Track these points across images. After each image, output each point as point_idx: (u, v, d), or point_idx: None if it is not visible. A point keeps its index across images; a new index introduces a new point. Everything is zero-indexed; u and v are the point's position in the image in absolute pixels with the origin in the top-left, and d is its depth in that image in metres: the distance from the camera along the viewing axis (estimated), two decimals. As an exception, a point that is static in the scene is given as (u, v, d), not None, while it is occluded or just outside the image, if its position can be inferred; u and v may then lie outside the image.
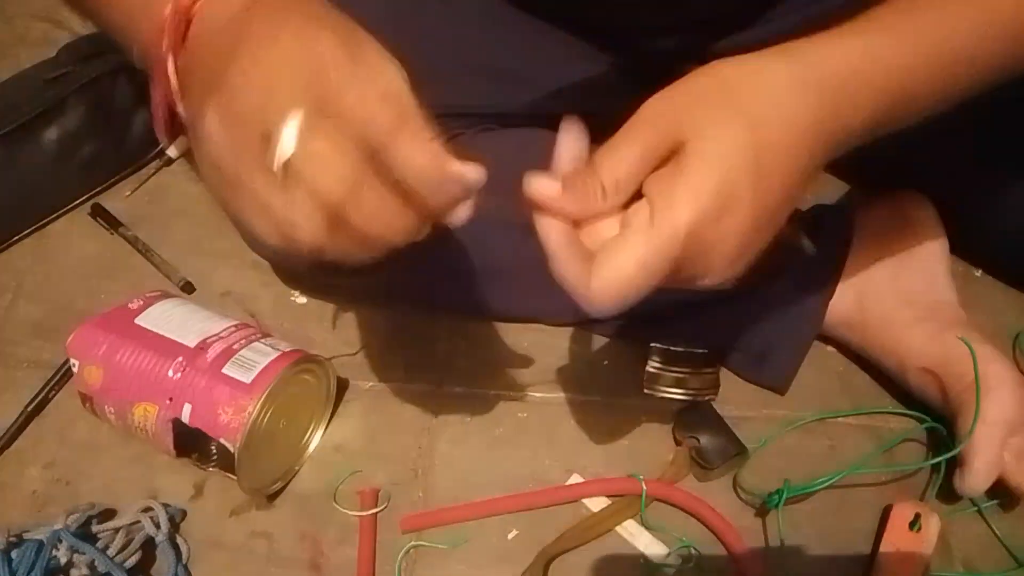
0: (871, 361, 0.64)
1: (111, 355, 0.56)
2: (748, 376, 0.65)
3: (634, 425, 0.63)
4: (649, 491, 0.58)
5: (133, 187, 0.78)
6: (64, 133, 0.73)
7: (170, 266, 0.72)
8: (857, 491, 0.59)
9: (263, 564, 0.58)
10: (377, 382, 0.66)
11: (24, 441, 0.64)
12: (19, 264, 0.74)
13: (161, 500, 0.58)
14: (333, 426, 0.64)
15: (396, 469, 0.62)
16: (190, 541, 0.58)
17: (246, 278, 0.72)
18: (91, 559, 0.53)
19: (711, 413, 0.61)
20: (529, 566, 0.56)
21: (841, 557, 0.57)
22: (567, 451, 0.62)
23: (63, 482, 0.61)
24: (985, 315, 0.65)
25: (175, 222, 0.76)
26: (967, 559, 0.57)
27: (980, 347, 0.56)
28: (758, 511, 0.59)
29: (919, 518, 0.56)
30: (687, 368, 0.63)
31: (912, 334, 0.60)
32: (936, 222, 0.64)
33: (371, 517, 0.59)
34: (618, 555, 0.58)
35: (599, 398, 0.65)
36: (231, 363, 0.55)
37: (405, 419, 0.64)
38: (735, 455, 0.59)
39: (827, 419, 0.63)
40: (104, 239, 0.75)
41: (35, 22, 0.91)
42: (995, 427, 0.55)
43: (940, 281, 0.63)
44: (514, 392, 0.65)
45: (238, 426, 0.53)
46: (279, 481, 0.61)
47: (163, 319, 0.58)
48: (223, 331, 0.58)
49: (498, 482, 0.61)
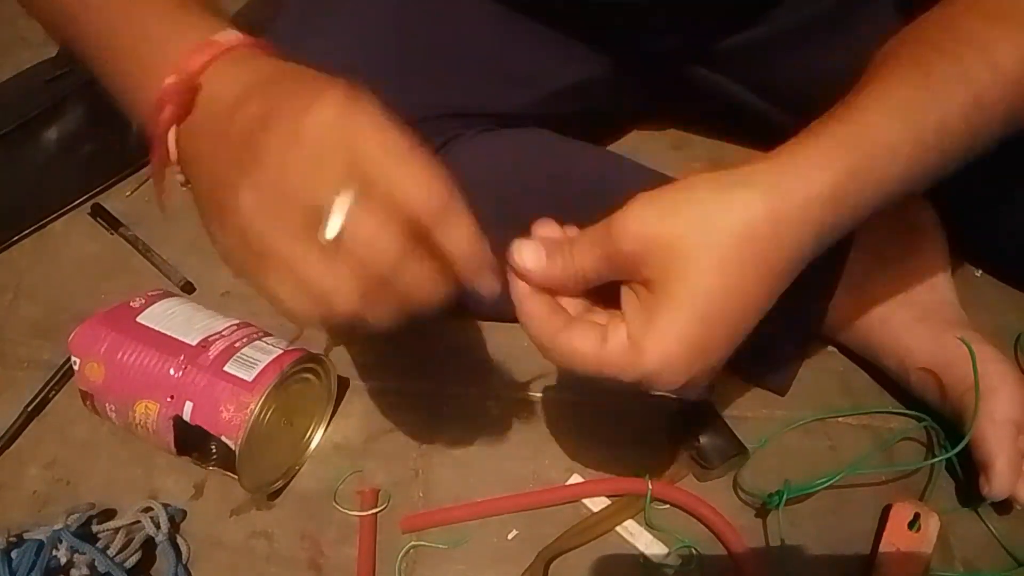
0: (871, 361, 0.64)
1: (113, 353, 0.56)
2: (748, 376, 0.65)
3: (634, 425, 0.63)
4: (651, 491, 0.58)
5: (133, 187, 0.78)
6: (64, 133, 0.73)
7: (170, 266, 0.72)
8: (857, 491, 0.59)
9: (263, 564, 0.58)
10: (378, 382, 0.66)
11: (24, 441, 0.64)
12: (19, 264, 0.74)
13: (161, 500, 0.58)
14: (334, 425, 0.64)
15: (396, 469, 0.62)
16: (190, 541, 0.58)
17: (246, 278, 0.72)
18: (91, 559, 0.53)
19: (711, 413, 0.61)
20: (529, 566, 0.56)
21: (841, 557, 0.57)
22: (567, 451, 0.62)
23: (63, 482, 0.61)
24: (985, 315, 0.65)
25: (175, 222, 0.76)
26: (967, 559, 0.57)
27: (981, 347, 0.56)
28: (758, 511, 0.59)
29: (918, 518, 0.56)
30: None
31: (912, 334, 0.60)
32: (936, 222, 0.64)
33: (371, 517, 0.59)
34: (618, 555, 0.58)
35: (599, 398, 0.65)
36: (233, 361, 0.55)
37: (405, 419, 0.64)
38: (735, 455, 0.59)
39: (827, 419, 0.63)
40: (104, 239, 0.75)
41: (35, 22, 0.91)
42: (1005, 426, 0.54)
43: (940, 281, 0.63)
44: (514, 392, 0.65)
45: (239, 424, 0.53)
46: (280, 480, 0.61)
47: (165, 317, 0.58)
48: (225, 329, 0.58)
49: (498, 482, 0.61)
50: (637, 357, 0.35)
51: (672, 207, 0.35)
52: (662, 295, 0.35)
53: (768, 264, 0.35)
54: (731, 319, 0.35)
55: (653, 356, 0.35)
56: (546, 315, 0.38)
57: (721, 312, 0.35)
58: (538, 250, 0.38)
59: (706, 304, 0.34)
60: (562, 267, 0.38)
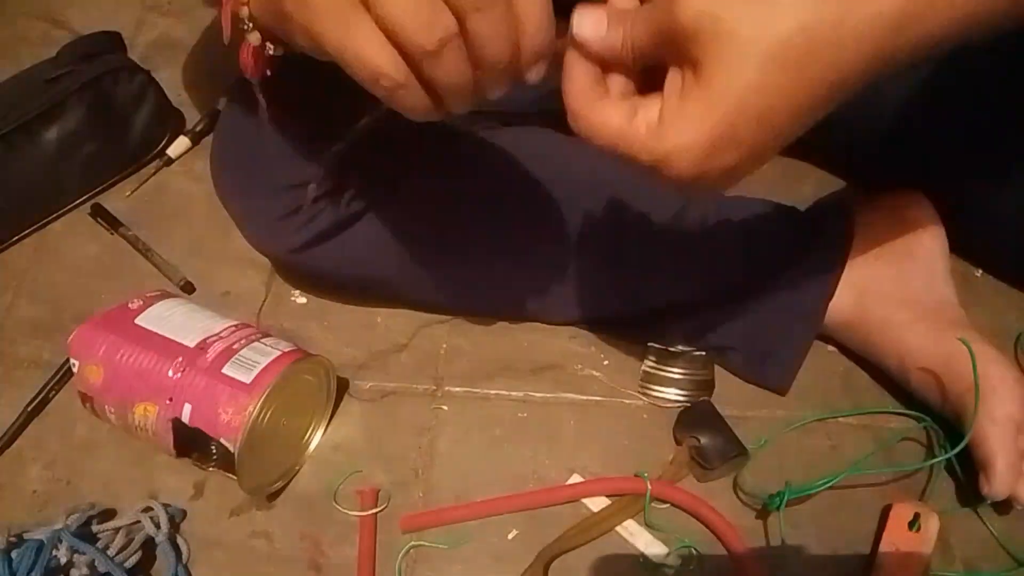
0: (871, 361, 0.64)
1: (111, 355, 0.56)
2: (748, 376, 0.65)
3: (634, 425, 0.63)
4: (650, 491, 0.58)
5: (133, 187, 0.78)
6: (64, 133, 0.73)
7: (170, 266, 0.72)
8: (857, 491, 0.59)
9: (263, 564, 0.58)
10: (377, 382, 0.66)
11: (24, 441, 0.64)
12: (19, 264, 0.74)
13: (161, 500, 0.58)
14: (333, 426, 0.64)
15: (396, 469, 0.62)
16: (190, 541, 0.58)
17: (246, 278, 0.72)
18: (91, 559, 0.53)
19: (711, 413, 0.61)
20: (529, 566, 0.56)
21: (841, 557, 0.57)
22: (567, 451, 0.62)
23: (63, 482, 0.62)
24: (985, 315, 0.65)
25: (175, 222, 0.76)
26: (968, 559, 0.57)
27: (980, 347, 0.56)
28: (759, 512, 0.59)
29: (918, 518, 0.56)
30: (681, 369, 0.63)
31: (912, 334, 0.60)
32: (936, 222, 0.64)
33: (371, 517, 0.59)
34: (618, 555, 0.58)
35: (599, 398, 0.65)
36: (231, 363, 0.55)
37: (405, 419, 0.64)
38: (735, 455, 0.59)
39: (827, 419, 0.63)
40: (104, 239, 0.75)
41: (35, 22, 0.91)
42: (1005, 426, 0.54)
43: (940, 281, 0.63)
44: (514, 392, 0.65)
45: (238, 426, 0.53)
46: (279, 481, 0.61)
47: (163, 319, 0.58)
48: (223, 331, 0.58)
49: (498, 482, 0.61)
50: (658, 137, 0.35)
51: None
52: (702, 81, 0.33)
53: (818, 71, 0.33)
54: (764, 120, 0.34)
55: (672, 139, 0.34)
56: (589, 84, 0.38)
57: (755, 110, 0.33)
58: (600, 19, 0.37)
59: (740, 99, 0.33)
60: (621, 38, 0.36)
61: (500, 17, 0.34)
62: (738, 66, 0.33)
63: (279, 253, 0.64)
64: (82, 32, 0.81)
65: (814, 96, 0.33)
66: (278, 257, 0.67)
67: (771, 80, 0.33)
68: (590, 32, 0.37)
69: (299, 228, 0.59)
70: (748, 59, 0.32)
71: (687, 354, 0.63)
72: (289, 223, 0.59)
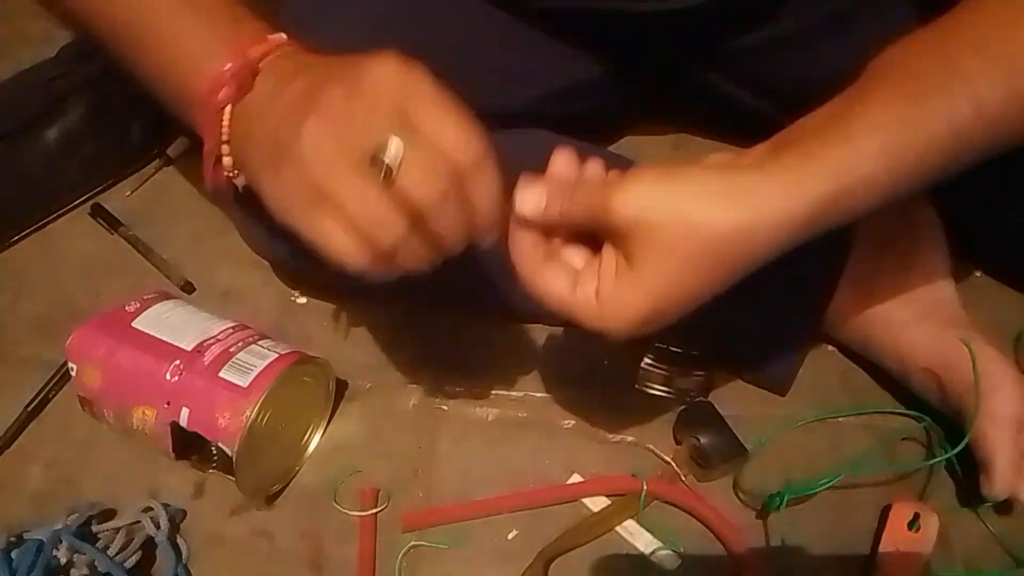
0: (872, 361, 0.64)
1: (109, 358, 0.56)
2: (748, 376, 0.65)
3: (634, 424, 0.63)
4: (649, 491, 0.58)
5: (133, 187, 0.78)
6: (64, 133, 0.73)
7: (170, 266, 0.72)
8: (857, 491, 0.59)
9: (264, 563, 0.58)
10: (377, 382, 0.66)
11: (24, 441, 0.64)
12: (19, 264, 0.74)
13: (161, 500, 0.58)
14: (333, 426, 0.64)
15: (396, 468, 0.62)
16: (190, 541, 0.58)
17: (246, 278, 0.72)
18: (91, 559, 0.53)
19: (711, 413, 0.61)
20: (529, 566, 0.56)
21: (841, 557, 0.57)
22: (567, 451, 0.62)
23: (63, 481, 0.62)
24: (985, 315, 0.65)
25: (175, 222, 0.76)
26: (968, 559, 0.57)
27: (981, 347, 0.56)
28: (759, 512, 0.59)
29: (918, 518, 0.56)
30: (680, 368, 0.63)
31: (913, 334, 0.60)
32: (936, 222, 0.64)
33: (371, 516, 0.59)
34: (618, 555, 0.58)
35: (599, 397, 0.65)
36: (228, 367, 0.55)
37: (405, 418, 0.64)
38: (735, 455, 0.59)
39: (828, 419, 0.63)
40: (104, 239, 0.75)
41: (35, 21, 0.91)
42: (1006, 426, 0.54)
43: (940, 281, 0.63)
44: (514, 392, 0.65)
45: (236, 430, 0.53)
46: (279, 482, 0.61)
47: (160, 321, 0.58)
48: (220, 333, 0.58)
49: (498, 481, 0.61)
50: (598, 315, 0.41)
51: (667, 199, 0.39)
52: (634, 270, 0.39)
53: (737, 265, 0.39)
54: (686, 299, 0.40)
55: (611, 319, 0.41)
56: (529, 249, 0.43)
57: (678, 295, 0.40)
58: (539, 198, 0.42)
59: (665, 288, 0.39)
60: (559, 213, 0.42)
61: (455, 213, 0.38)
62: (665, 264, 0.39)
63: (279, 257, 0.64)
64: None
65: (732, 278, 0.40)
66: (278, 260, 0.67)
67: (692, 274, 0.39)
68: (531, 210, 0.42)
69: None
70: (673, 258, 0.38)
71: (687, 354, 0.63)
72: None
